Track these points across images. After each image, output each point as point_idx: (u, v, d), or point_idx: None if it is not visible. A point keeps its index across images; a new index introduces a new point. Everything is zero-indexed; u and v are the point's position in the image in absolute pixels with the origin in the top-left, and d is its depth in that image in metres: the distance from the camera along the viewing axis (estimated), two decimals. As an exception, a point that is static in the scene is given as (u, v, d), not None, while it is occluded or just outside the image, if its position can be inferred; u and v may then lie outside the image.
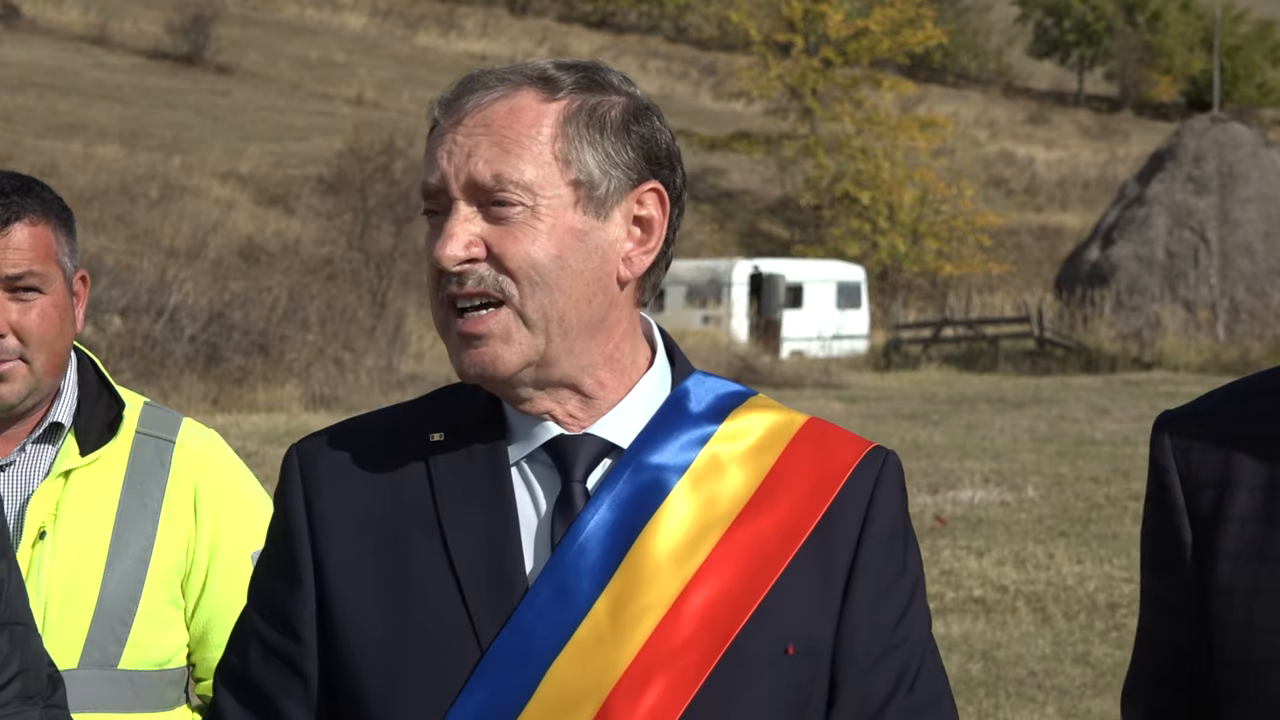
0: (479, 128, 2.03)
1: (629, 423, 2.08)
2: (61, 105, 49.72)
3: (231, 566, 3.16)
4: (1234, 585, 2.07)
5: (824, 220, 52.85)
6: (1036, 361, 38.36)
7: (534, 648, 1.99)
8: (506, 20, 75.93)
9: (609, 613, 1.99)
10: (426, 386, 26.29)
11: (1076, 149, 66.09)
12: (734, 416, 2.11)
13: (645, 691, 1.97)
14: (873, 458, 2.11)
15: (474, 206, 2.03)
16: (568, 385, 2.06)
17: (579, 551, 2.01)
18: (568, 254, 2.02)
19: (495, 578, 2.02)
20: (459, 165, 2.02)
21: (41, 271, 3.02)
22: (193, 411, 21.43)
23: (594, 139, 2.04)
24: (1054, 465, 18.94)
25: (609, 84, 2.08)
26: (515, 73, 2.07)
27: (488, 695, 1.99)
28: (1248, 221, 40.09)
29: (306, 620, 2.09)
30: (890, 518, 2.09)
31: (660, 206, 2.07)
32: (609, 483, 2.05)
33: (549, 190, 2.02)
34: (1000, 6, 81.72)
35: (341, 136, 42.01)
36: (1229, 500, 2.10)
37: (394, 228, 35.87)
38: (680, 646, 1.98)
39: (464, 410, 2.11)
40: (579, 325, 2.04)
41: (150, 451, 3.12)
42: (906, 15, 54.44)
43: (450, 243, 2.01)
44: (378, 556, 2.07)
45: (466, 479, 2.07)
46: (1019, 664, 10.68)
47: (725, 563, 2.02)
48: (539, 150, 2.02)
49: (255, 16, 67.62)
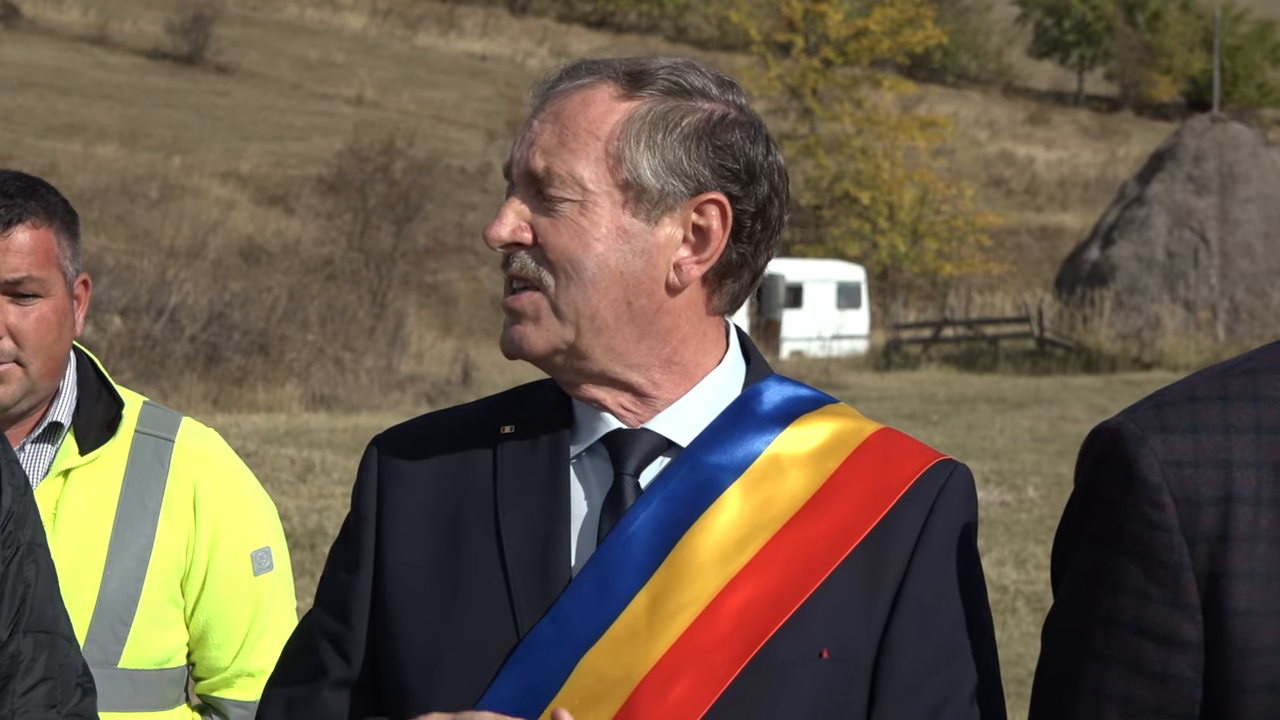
0: (550, 116, 2.06)
1: (689, 421, 2.08)
2: (61, 105, 49.71)
3: (231, 565, 3.16)
4: (1254, 608, 1.93)
5: (824, 220, 52.84)
6: (1036, 361, 38.35)
7: (570, 637, 1.99)
8: (506, 20, 75.91)
9: (648, 607, 1.99)
10: (426, 386, 26.28)
11: (1076, 149, 66.08)
12: (802, 421, 2.10)
13: (673, 686, 1.96)
14: (938, 470, 2.08)
15: (531, 191, 2.05)
16: (615, 381, 2.07)
17: (625, 545, 2.02)
18: (609, 253, 2.03)
19: (540, 566, 2.03)
20: (524, 152, 2.06)
21: (41, 276, 3.01)
22: (193, 411, 21.42)
23: (654, 142, 2.04)
24: (1054, 465, 18.93)
25: (700, 90, 2.08)
26: (609, 65, 2.08)
27: (521, 682, 2.00)
28: (1248, 221, 40.08)
29: (359, 607, 2.11)
30: (949, 532, 2.06)
31: (721, 219, 2.06)
32: (663, 479, 2.05)
33: (598, 187, 2.03)
34: (1000, 6, 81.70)
35: (341, 136, 42.02)
36: (1239, 519, 1.93)
37: (394, 228, 35.88)
38: (713, 644, 1.98)
39: (537, 404, 2.14)
40: (615, 323, 2.04)
41: (150, 451, 3.12)
42: (906, 15, 54.42)
43: (498, 224, 2.05)
44: (435, 545, 2.09)
45: (526, 470, 2.09)
46: (1019, 664, 10.69)
47: (770, 565, 2.01)
48: (595, 146, 2.03)
49: (255, 16, 67.59)
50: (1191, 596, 1.94)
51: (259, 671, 3.17)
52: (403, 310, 32.48)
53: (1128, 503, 1.95)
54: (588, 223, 2.03)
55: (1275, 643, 1.94)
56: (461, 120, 56.72)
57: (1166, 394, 2.02)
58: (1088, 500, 2.00)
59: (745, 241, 2.08)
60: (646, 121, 2.04)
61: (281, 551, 3.24)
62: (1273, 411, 1.97)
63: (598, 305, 2.03)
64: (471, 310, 39.02)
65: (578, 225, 2.03)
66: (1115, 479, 1.97)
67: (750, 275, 2.11)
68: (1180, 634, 1.95)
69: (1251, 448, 1.96)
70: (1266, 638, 1.94)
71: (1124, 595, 1.96)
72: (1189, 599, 1.94)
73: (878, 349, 41.13)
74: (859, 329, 42.30)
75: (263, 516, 3.23)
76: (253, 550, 3.19)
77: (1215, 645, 1.94)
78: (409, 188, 36.49)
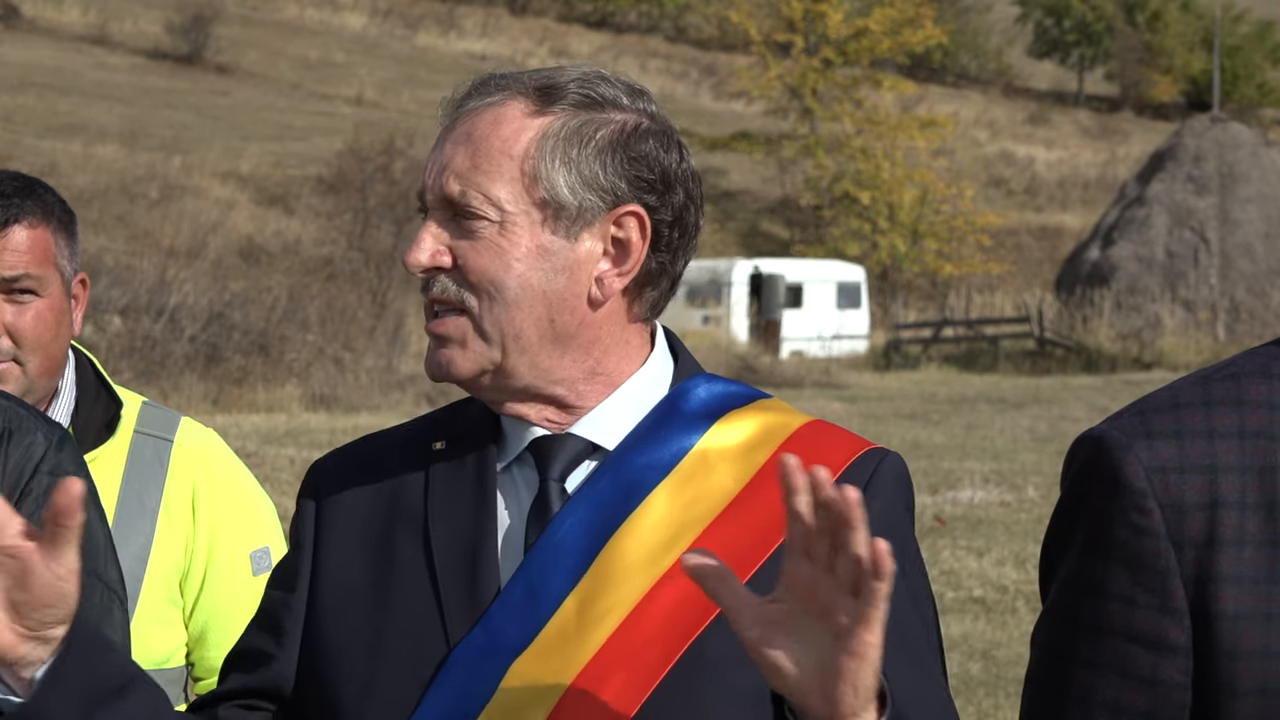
0: (462, 137, 2.05)
1: (614, 423, 2.07)
2: (61, 105, 49.73)
3: (230, 565, 3.15)
4: (1242, 611, 1.93)
5: (824, 220, 52.85)
6: (1036, 361, 38.36)
7: (500, 646, 1.99)
8: (506, 20, 75.93)
9: (577, 611, 1.98)
10: (426, 386, 26.28)
11: (1076, 149, 66.09)
12: (730, 417, 2.08)
13: (603, 687, 1.95)
14: (867, 459, 2.05)
15: (447, 215, 2.04)
16: (539, 396, 2.06)
17: (553, 550, 2.01)
18: (530, 273, 2.02)
19: (469, 578, 2.03)
20: (435, 176, 2.05)
21: (39, 274, 3.01)
22: (193, 411, 21.42)
23: (569, 158, 2.03)
24: (1054, 465, 18.92)
25: (612, 101, 2.06)
26: (518, 80, 2.06)
27: (453, 694, 1.99)
28: (1248, 221, 40.09)
29: (290, 628, 2.11)
30: (879, 518, 1.96)
31: (640, 230, 2.04)
32: (590, 483, 2.04)
33: (515, 207, 2.02)
34: (1000, 6, 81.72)
35: (341, 136, 42.03)
36: (1224, 524, 1.93)
37: (394, 228, 35.89)
38: (642, 644, 1.96)
39: (466, 420, 2.13)
40: (539, 341, 2.03)
41: (149, 450, 3.12)
42: (906, 15, 54.44)
43: (416, 250, 2.04)
44: (367, 561, 2.08)
45: (454, 483, 2.08)
46: (1019, 664, 10.68)
47: None
48: (509, 166, 2.02)
49: (255, 16, 67.62)
50: (1179, 601, 1.94)
51: (258, 672, 3.17)
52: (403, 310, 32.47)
53: (1114, 510, 1.95)
54: (507, 243, 2.02)
55: (1264, 646, 1.94)
56: (461, 120, 56.69)
57: (1150, 400, 2.02)
58: (1074, 508, 2.00)
59: (664, 250, 2.07)
60: (560, 138, 2.03)
61: (280, 552, 3.23)
62: (1256, 416, 1.97)
63: (521, 325, 2.02)
64: (471, 310, 39.01)
65: (497, 246, 2.02)
66: (1101, 486, 1.97)
67: (669, 281, 2.10)
68: (1169, 639, 1.95)
69: (1236, 452, 1.95)
70: (1255, 641, 1.93)
71: (1112, 602, 1.96)
72: (1176, 604, 1.94)
73: (878, 349, 41.14)
74: (859, 329, 42.31)
75: (262, 517, 3.23)
76: (252, 550, 3.19)
77: (1204, 649, 1.94)
78: (409, 188, 36.48)
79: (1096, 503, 1.97)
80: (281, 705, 2.11)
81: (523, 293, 2.02)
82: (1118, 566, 1.96)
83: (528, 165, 2.02)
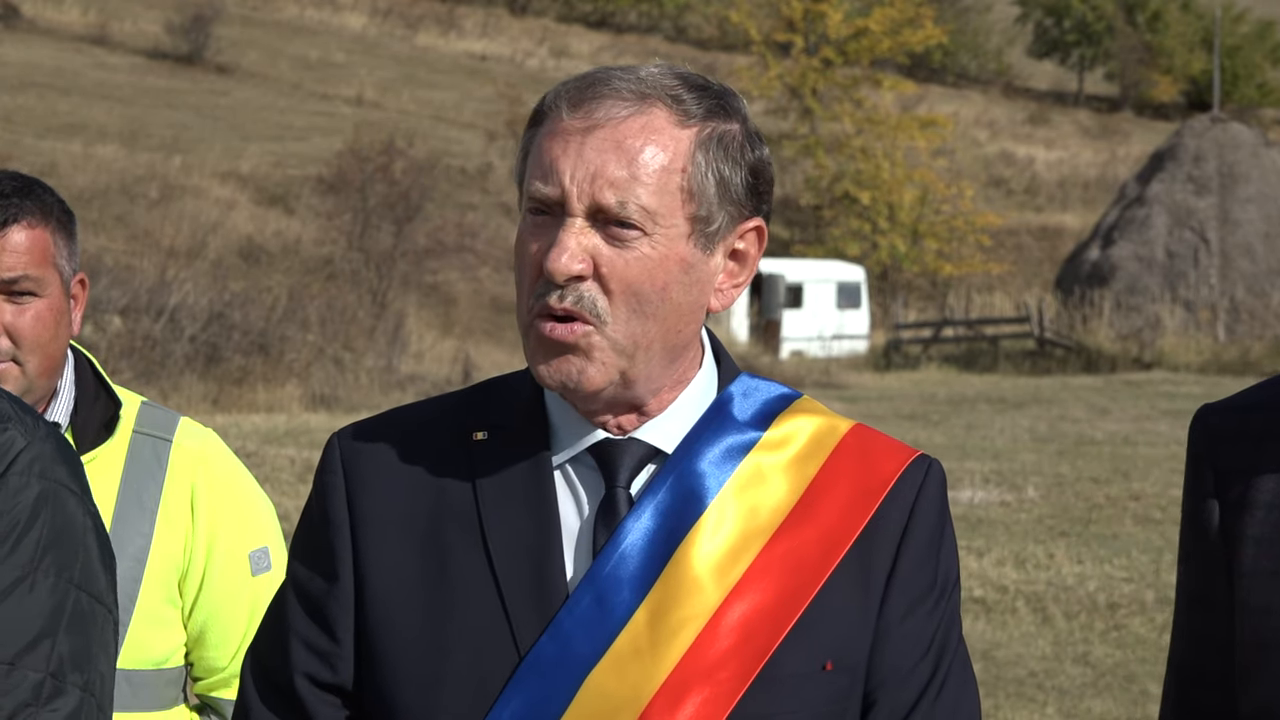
0: (609, 145, 1.99)
1: (674, 428, 2.06)
2: (61, 105, 49.71)
3: (229, 566, 3.15)
4: (1257, 569, 2.08)
5: (824, 220, 52.83)
6: (1036, 361, 38.34)
7: (572, 656, 1.97)
8: (506, 20, 75.91)
9: (648, 623, 1.98)
10: (426, 386, 26.28)
11: (1076, 149, 66.06)
12: (778, 423, 2.09)
13: (682, 705, 1.95)
14: (915, 468, 2.08)
15: (595, 222, 1.99)
16: (637, 404, 2.05)
17: (620, 559, 2.00)
18: (672, 285, 2.01)
19: (535, 583, 2.01)
20: (583, 183, 1.98)
21: (38, 275, 3.01)
22: (193, 411, 21.43)
23: (720, 175, 2.03)
24: (1054, 465, 18.92)
25: (735, 110, 2.07)
26: (646, 85, 2.03)
27: (525, 703, 1.97)
28: (1248, 221, 40.08)
29: (344, 621, 2.07)
30: (929, 528, 2.07)
31: (758, 244, 2.07)
32: (652, 490, 2.03)
33: (668, 220, 2.00)
34: (1000, 6, 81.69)
35: (341, 136, 42.03)
36: (1256, 487, 2.10)
37: (394, 228, 35.91)
38: (718, 660, 1.97)
39: (508, 408, 2.10)
40: (664, 352, 2.03)
41: (148, 451, 3.12)
42: (906, 15, 54.42)
43: (565, 256, 1.97)
44: (418, 558, 2.05)
45: (509, 481, 2.05)
46: (1019, 664, 10.68)
47: (765, 576, 2.00)
48: (669, 179, 2.00)
49: (255, 16, 67.59)
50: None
51: (257, 672, 3.16)
52: (403, 310, 32.50)
53: None
54: (657, 255, 1.99)
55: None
56: (461, 120, 56.72)
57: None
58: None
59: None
60: (709, 152, 2.02)
61: (280, 552, 3.23)
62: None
63: (655, 336, 2.01)
64: (471, 310, 39.02)
65: (647, 258, 1.99)
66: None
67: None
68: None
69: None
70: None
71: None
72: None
73: (878, 349, 41.13)
74: (859, 329, 42.30)
75: (261, 516, 3.23)
76: (251, 550, 3.18)
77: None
78: (409, 188, 36.52)
79: (1186, 465, 2.20)
80: (346, 700, 2.08)
81: (663, 305, 2.00)
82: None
83: (684, 180, 2.00)
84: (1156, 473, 17.97)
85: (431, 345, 32.49)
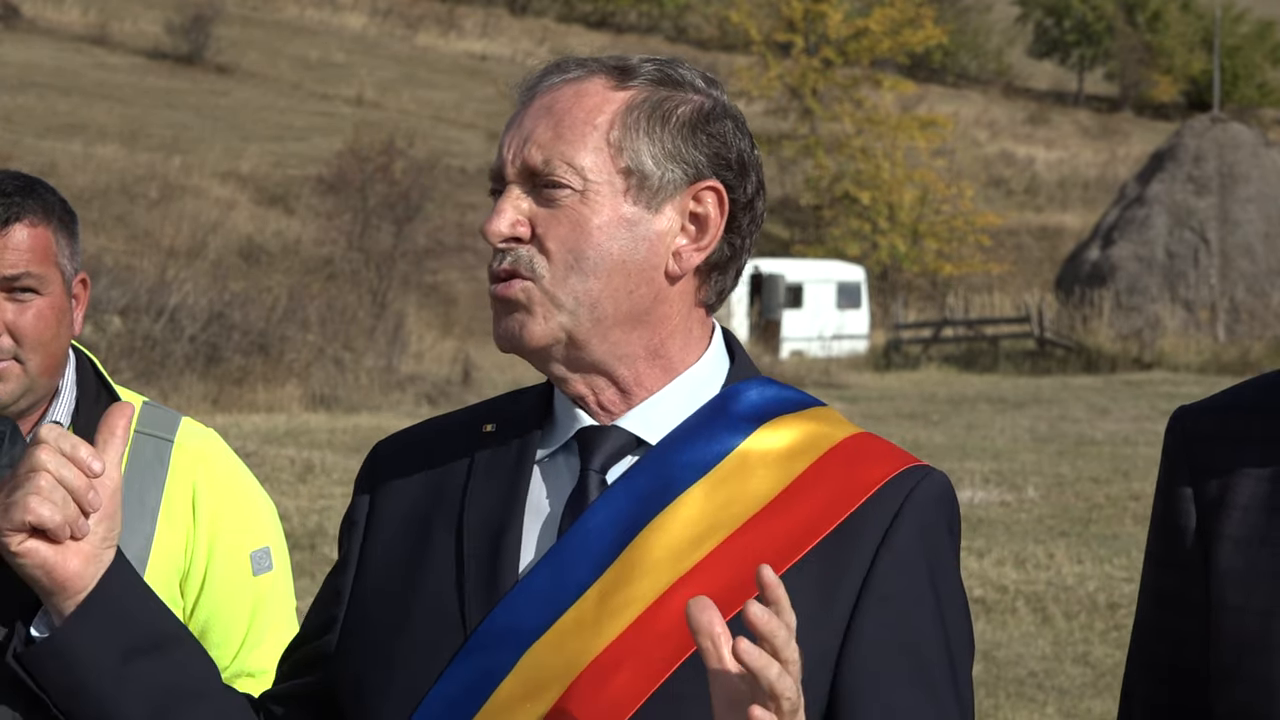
0: (542, 110, 2.05)
1: (661, 418, 2.07)
2: (61, 105, 49.72)
3: (230, 566, 3.15)
4: (1233, 568, 2.09)
5: (824, 220, 52.85)
6: (1036, 361, 38.35)
7: (518, 630, 1.99)
8: (506, 20, 75.92)
9: (597, 601, 1.99)
10: (426, 387, 26.28)
11: (1076, 149, 66.07)
12: (777, 423, 2.07)
13: (611, 679, 1.96)
14: (907, 475, 2.03)
15: (527, 187, 2.04)
16: (602, 372, 2.06)
17: (583, 539, 2.01)
18: (610, 242, 2.02)
19: (491, 560, 2.04)
20: (516, 150, 2.05)
21: (39, 273, 3.01)
22: (193, 411, 21.41)
23: (653, 131, 2.05)
24: (1054, 465, 18.93)
25: (687, 82, 2.09)
26: (595, 60, 2.09)
27: (468, 675, 2.00)
28: (1248, 221, 40.08)
29: (335, 612, 2.14)
30: (915, 539, 2.00)
31: (719, 206, 2.07)
32: (629, 476, 2.04)
33: (599, 176, 2.03)
34: (1000, 6, 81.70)
35: (341, 136, 42.03)
36: (1234, 488, 2.12)
37: (394, 228, 35.90)
38: (654, 641, 1.97)
39: (520, 406, 2.14)
40: (616, 313, 2.04)
41: (149, 451, 3.11)
42: (906, 15, 54.43)
43: (497, 218, 2.03)
44: (409, 542, 2.11)
45: (494, 467, 2.09)
46: (1019, 664, 10.69)
47: (719, 566, 1.99)
48: (594, 135, 2.03)
49: (255, 16, 67.60)
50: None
51: (259, 672, 3.16)
52: (403, 310, 32.50)
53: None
54: (589, 211, 2.02)
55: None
56: (461, 120, 56.74)
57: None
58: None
59: (736, 233, 2.09)
60: (643, 110, 2.05)
61: (281, 552, 3.23)
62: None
63: (599, 294, 2.03)
64: (471, 310, 39.02)
65: (579, 214, 2.02)
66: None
67: (735, 271, 2.12)
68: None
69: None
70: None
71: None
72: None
73: (878, 349, 41.14)
74: (859, 329, 42.30)
75: (262, 516, 3.23)
76: (252, 550, 3.18)
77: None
78: (409, 188, 36.51)
79: (1161, 465, 2.24)
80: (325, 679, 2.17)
81: (601, 261, 2.02)
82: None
83: (612, 135, 2.04)
84: (1156, 473, 17.96)
85: (431, 345, 32.48)
